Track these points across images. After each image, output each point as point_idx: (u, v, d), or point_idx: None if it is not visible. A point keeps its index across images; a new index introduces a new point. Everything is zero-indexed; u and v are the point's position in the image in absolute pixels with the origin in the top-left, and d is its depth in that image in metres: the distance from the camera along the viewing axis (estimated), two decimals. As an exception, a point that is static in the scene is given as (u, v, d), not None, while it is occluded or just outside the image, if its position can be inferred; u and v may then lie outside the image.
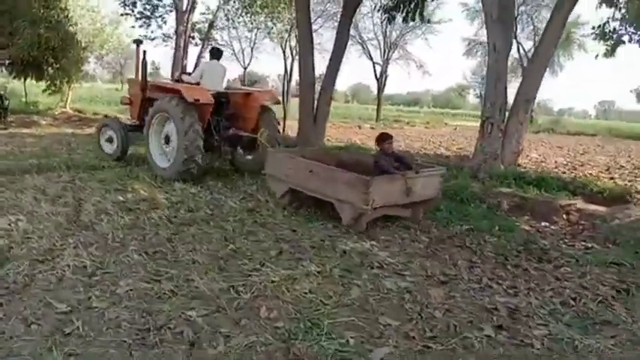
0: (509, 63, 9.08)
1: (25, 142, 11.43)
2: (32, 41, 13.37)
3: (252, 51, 23.42)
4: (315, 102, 11.85)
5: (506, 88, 9.55)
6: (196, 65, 8.99)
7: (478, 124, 10.13)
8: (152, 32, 17.05)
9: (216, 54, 8.73)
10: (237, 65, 23.27)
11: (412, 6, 9.87)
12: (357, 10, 13.38)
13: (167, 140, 7.86)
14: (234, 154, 8.84)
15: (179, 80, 8.54)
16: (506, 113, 9.83)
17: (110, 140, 9.22)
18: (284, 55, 22.90)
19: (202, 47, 17.44)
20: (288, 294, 3.71)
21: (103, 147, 9.40)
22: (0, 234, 4.65)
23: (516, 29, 27.06)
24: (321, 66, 14.95)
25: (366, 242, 5.16)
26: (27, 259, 4.06)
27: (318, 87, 11.94)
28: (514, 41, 25.24)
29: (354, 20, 23.94)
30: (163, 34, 17.02)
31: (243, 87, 10.48)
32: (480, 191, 7.73)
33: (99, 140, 9.50)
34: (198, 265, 4.24)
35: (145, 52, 8.72)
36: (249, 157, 8.67)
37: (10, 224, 4.98)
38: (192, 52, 18.32)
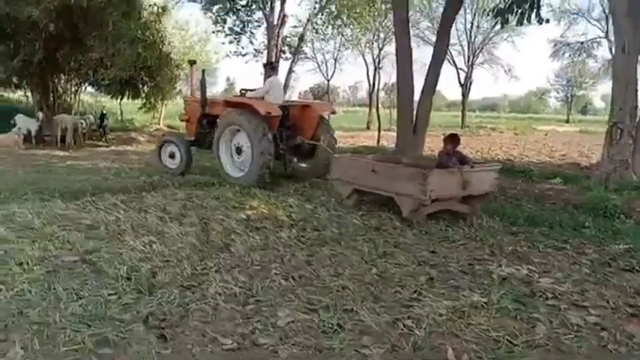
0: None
1: (130, 159, 11.81)
2: (132, 61, 13.84)
3: (335, 63, 23.25)
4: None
5: (637, 91, 8.66)
6: (269, 76, 9.40)
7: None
8: (242, 48, 17.32)
9: (275, 68, 9.52)
10: (320, 77, 23.13)
11: (527, 6, 9.20)
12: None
13: (239, 151, 8.50)
14: (290, 162, 9.13)
15: (243, 96, 9.04)
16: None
17: (172, 156, 9.60)
18: (366, 65, 22.59)
19: (293, 61, 17.50)
20: (466, 330, 3.28)
21: (165, 163, 9.72)
22: (140, 257, 4.55)
23: None
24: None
25: (521, 266, 4.62)
26: (174, 286, 3.89)
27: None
28: None
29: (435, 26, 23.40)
30: (255, 50, 17.28)
31: (301, 99, 11.06)
32: (622, 204, 6.94)
33: (159, 157, 9.83)
34: (349, 292, 3.89)
35: (203, 70, 9.61)
36: (304, 164, 9.22)
37: (144, 246, 4.89)
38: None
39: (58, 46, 14.60)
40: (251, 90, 9.22)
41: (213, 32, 17.41)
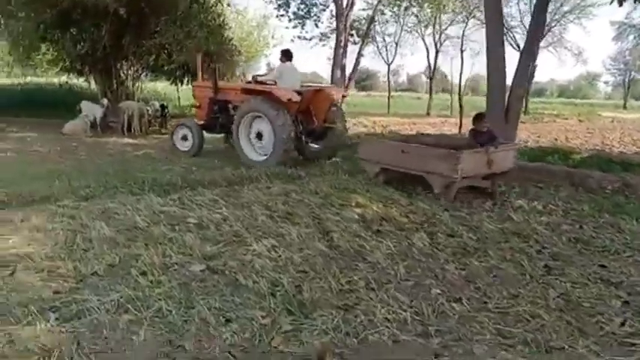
0: None
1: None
2: (203, 45, 13.38)
3: (396, 46, 22.31)
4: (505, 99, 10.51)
5: None
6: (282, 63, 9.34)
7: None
8: (307, 32, 16.66)
9: (290, 56, 9.30)
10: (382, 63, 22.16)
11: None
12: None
13: (259, 137, 8.81)
14: (303, 145, 9.27)
15: (256, 82, 9.33)
16: None
17: (185, 138, 9.95)
18: (427, 48, 21.60)
19: (362, 45, 16.70)
20: None
21: (177, 145, 10.05)
22: (272, 265, 3.98)
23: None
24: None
25: None
26: (328, 307, 3.31)
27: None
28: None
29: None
30: (321, 34, 16.60)
31: (311, 84, 10.96)
32: None
33: (172, 140, 10.15)
34: (543, 322, 3.21)
35: (213, 57, 10.71)
36: (316, 146, 9.43)
37: (269, 251, 4.33)
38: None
39: (122, 32, 14.27)
40: (263, 76, 9.77)
41: (277, 17, 16.76)
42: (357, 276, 3.86)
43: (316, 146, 9.41)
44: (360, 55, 16.24)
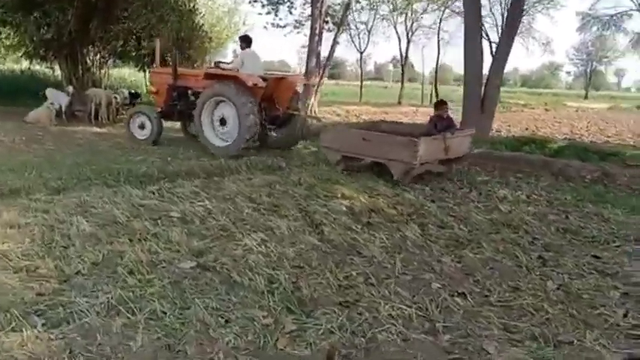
0: None
1: (175, 138, 10.98)
2: (176, 30, 12.97)
3: (368, 35, 22.14)
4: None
5: None
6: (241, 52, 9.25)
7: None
8: (280, 19, 16.32)
9: (250, 42, 9.22)
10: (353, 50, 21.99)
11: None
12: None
13: (222, 122, 8.64)
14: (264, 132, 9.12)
15: (217, 68, 9.18)
16: None
17: (142, 126, 9.67)
18: (398, 37, 21.56)
19: (337, 32, 16.46)
20: None
21: (134, 133, 9.76)
22: (265, 261, 3.84)
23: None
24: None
25: None
26: (330, 304, 3.20)
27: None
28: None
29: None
30: (295, 21, 16.30)
31: (274, 72, 10.83)
32: None
33: (128, 128, 9.87)
34: (548, 315, 3.18)
35: (176, 47, 10.51)
36: (275, 134, 9.23)
37: (259, 245, 4.19)
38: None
39: (89, 16, 13.68)
40: (225, 63, 9.60)
41: (249, 2, 16.39)
42: (355, 271, 3.76)
43: (275, 134, 9.31)
44: (335, 42, 16.05)
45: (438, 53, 22.11)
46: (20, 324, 2.77)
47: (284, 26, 16.64)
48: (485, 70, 11.12)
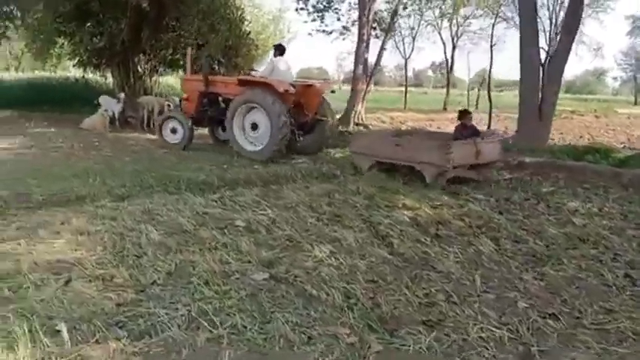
0: None
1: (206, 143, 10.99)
2: (225, 38, 13.13)
3: (413, 40, 21.88)
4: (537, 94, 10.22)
5: None
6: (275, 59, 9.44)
7: None
8: (326, 25, 16.30)
9: (283, 51, 9.48)
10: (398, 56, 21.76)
11: None
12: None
13: (254, 127, 8.85)
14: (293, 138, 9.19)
15: (249, 75, 9.62)
16: None
17: (174, 131, 9.95)
18: (443, 43, 21.21)
19: (385, 38, 16.34)
20: None
21: (166, 138, 10.07)
22: (337, 274, 3.72)
23: None
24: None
25: None
26: (414, 323, 3.06)
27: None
28: None
29: (515, 3, 21.60)
30: (343, 27, 16.25)
31: (304, 79, 11.00)
32: None
33: (160, 133, 10.14)
34: (648, 340, 2.95)
35: (208, 55, 10.91)
36: (302, 139, 9.34)
37: (329, 257, 4.09)
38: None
39: (141, 25, 14.01)
40: (256, 71, 10.09)
41: (296, 10, 16.41)
42: (433, 287, 3.60)
43: (303, 140, 9.42)
44: (382, 48, 15.89)
45: (491, 59, 21.61)
46: (104, 335, 2.75)
47: (330, 32, 16.59)
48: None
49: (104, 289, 3.36)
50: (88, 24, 14.21)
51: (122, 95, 14.01)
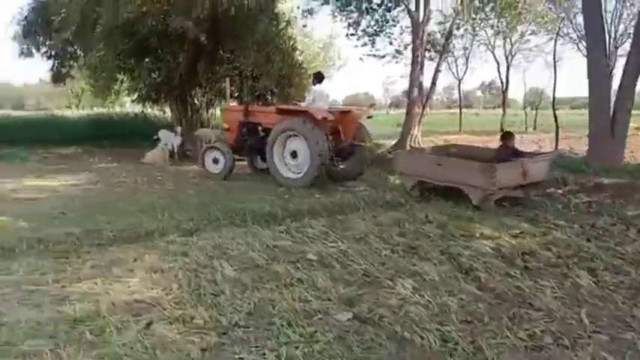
0: None
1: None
2: (279, 68, 13.25)
3: (467, 61, 21.47)
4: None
5: None
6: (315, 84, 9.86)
7: None
8: (377, 50, 16.24)
9: (321, 79, 9.74)
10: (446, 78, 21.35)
11: None
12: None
13: (294, 155, 9.06)
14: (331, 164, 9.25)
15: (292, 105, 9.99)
16: None
17: (216, 161, 10.14)
18: (497, 62, 20.69)
19: (440, 60, 16.09)
20: None
21: (208, 168, 10.26)
22: (426, 313, 3.45)
23: None
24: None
25: None
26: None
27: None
28: None
29: (569, 15, 20.88)
30: (396, 50, 16.15)
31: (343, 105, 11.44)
32: None
33: (203, 163, 10.33)
34: None
35: (242, 81, 11.16)
36: (342, 166, 9.51)
37: (413, 294, 3.82)
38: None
39: (197, 59, 14.35)
40: (299, 102, 10.40)
41: (346, 36, 16.45)
42: (536, 327, 3.27)
43: (342, 166, 9.57)
44: (437, 71, 15.61)
45: (555, 77, 20.89)
46: (193, 385, 2.58)
47: (383, 56, 16.49)
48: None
49: (186, 332, 3.22)
50: (147, 59, 14.71)
51: (179, 129, 14.32)
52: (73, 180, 9.85)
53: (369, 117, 10.27)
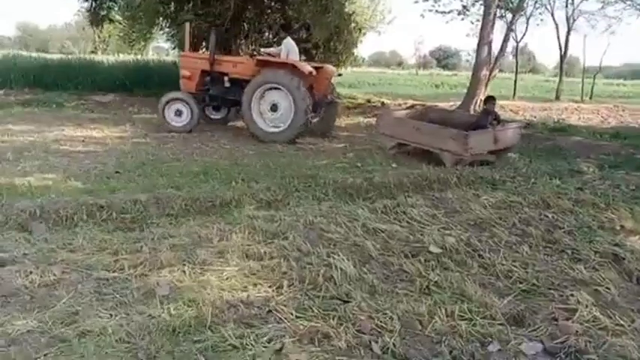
0: None
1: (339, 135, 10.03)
2: (338, 19, 12.12)
3: (527, 22, 19.82)
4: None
5: None
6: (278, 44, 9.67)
7: None
8: (440, 5, 14.88)
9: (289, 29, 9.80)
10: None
11: None
12: None
13: (274, 108, 8.65)
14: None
15: (268, 55, 9.08)
16: None
17: (179, 114, 9.26)
18: (556, 25, 19.09)
19: (513, 19, 14.68)
20: None
21: (170, 122, 9.28)
22: (629, 345, 2.57)
23: None
24: None
25: None
26: None
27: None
28: None
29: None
30: (463, 6, 14.79)
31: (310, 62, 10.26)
32: None
33: (163, 115, 9.32)
34: None
35: (214, 29, 9.88)
36: (313, 120, 9.02)
37: (587, 306, 2.95)
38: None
39: (245, 6, 13.23)
40: (266, 49, 9.71)
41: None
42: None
43: (313, 121, 9.16)
44: (509, 30, 14.22)
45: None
46: None
47: (449, 12, 15.14)
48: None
49: (334, 352, 2.41)
50: (191, 4, 13.60)
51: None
52: (119, 132, 9.05)
53: (339, 75, 10.53)
